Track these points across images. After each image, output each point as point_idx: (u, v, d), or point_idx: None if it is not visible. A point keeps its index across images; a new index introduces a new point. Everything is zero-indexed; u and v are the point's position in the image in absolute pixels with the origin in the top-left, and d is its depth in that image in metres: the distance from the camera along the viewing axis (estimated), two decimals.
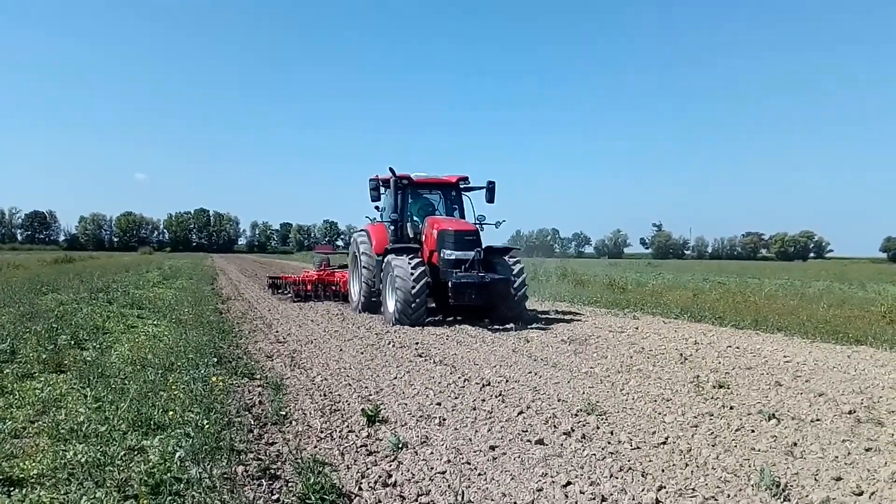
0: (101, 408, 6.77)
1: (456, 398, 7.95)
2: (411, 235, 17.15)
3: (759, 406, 7.57)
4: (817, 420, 7.06)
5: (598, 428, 6.67)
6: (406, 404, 7.68)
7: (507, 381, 8.89)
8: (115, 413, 6.48)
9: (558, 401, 7.78)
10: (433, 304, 17.19)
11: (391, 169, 16.75)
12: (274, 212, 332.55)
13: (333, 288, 21.82)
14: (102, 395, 7.24)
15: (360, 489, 4.99)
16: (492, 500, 4.84)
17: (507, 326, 14.85)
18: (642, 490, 4.96)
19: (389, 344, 12.06)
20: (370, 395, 8.13)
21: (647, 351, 11.63)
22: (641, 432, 6.54)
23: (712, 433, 6.51)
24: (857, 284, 36.25)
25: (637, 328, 15.14)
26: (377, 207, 18.36)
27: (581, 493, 4.93)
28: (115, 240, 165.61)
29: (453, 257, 15.10)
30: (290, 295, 21.87)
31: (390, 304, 15.37)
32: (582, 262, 74.44)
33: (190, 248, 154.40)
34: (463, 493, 4.80)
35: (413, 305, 14.62)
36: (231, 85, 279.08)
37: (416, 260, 15.16)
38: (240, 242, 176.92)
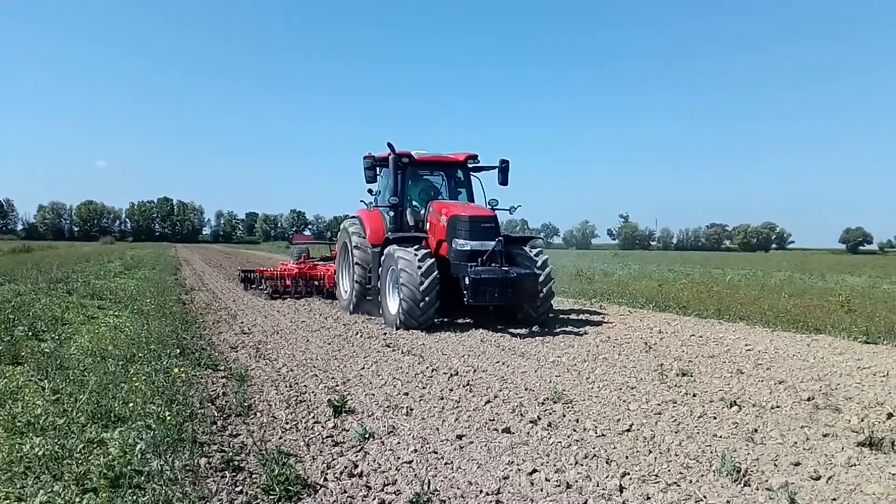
0: (60, 400, 6.63)
1: (424, 388, 7.94)
2: (411, 223, 14.79)
3: (721, 393, 7.68)
4: (777, 407, 7.18)
5: (564, 416, 6.71)
6: (373, 394, 7.65)
7: (475, 370, 8.91)
8: (73, 405, 6.35)
9: (525, 390, 7.81)
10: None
11: (390, 145, 14.32)
12: (240, 201, 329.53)
13: (316, 283, 19.40)
14: (61, 387, 7.09)
15: (326, 480, 4.96)
16: (458, 488, 4.84)
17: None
18: (606, 476, 5.00)
19: (357, 334, 12.00)
20: (337, 385, 8.08)
21: (613, 340, 11.73)
22: (606, 420, 6.59)
23: (675, 420, 6.59)
24: (817, 275, 36.99)
25: (603, 318, 15.26)
26: (370, 191, 15.64)
27: (546, 480, 4.95)
28: (76, 229, 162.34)
29: (468, 248, 12.84)
30: (266, 291, 19.20)
31: (392, 303, 13.25)
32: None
33: (153, 237, 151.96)
34: (429, 482, 4.80)
35: (422, 305, 12.36)
36: (195, 70, 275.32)
37: (424, 251, 12.92)
38: (204, 232, 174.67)
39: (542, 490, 4.81)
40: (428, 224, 14.23)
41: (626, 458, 5.49)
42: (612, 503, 4.56)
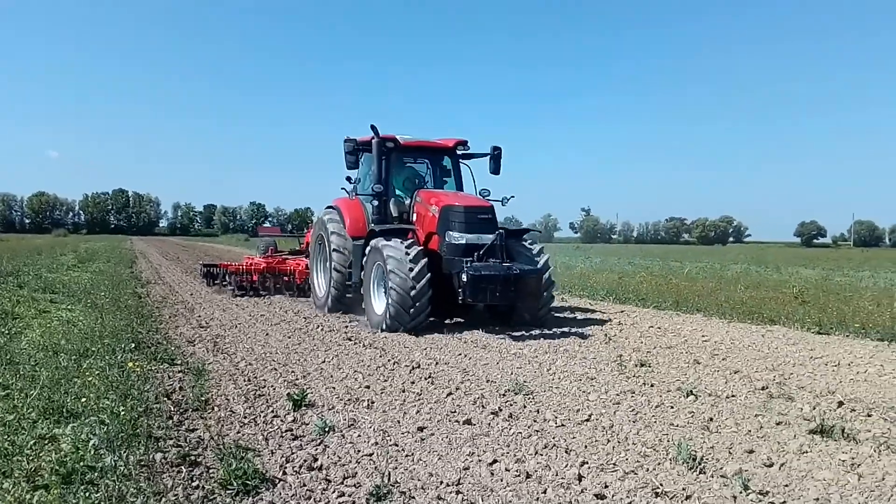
0: (10, 395, 6.44)
1: (385, 381, 7.92)
2: (395, 214, 13.58)
3: (678, 383, 7.80)
4: (732, 396, 7.31)
5: (524, 407, 6.75)
6: (334, 388, 7.60)
7: (436, 363, 8.91)
8: (24, 401, 6.18)
9: (487, 381, 7.83)
10: None
11: (373, 128, 12.97)
12: (197, 193, 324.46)
13: (286, 279, 17.95)
14: (10, 382, 6.89)
15: (285, 473, 4.91)
16: (419, 479, 4.83)
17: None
18: (566, 466, 5.04)
19: (318, 328, 11.92)
20: (297, 379, 8.01)
21: (574, 332, 11.83)
22: (566, 410, 6.65)
23: (633, 410, 6.67)
24: (772, 267, 37.79)
25: (564, 310, 15.38)
26: (349, 179, 14.15)
27: (506, 470, 4.97)
28: (27, 221, 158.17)
29: (463, 242, 11.71)
30: (230, 287, 17.73)
31: (378, 303, 12.07)
32: None
33: (108, 230, 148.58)
34: (390, 474, 4.78)
35: (413, 306, 11.21)
36: (150, 61, 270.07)
37: (415, 247, 11.74)
38: (161, 225, 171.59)
39: (502, 480, 4.83)
40: (415, 215, 13.09)
41: (585, 447, 5.54)
42: (571, 492, 4.60)
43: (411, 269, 11.22)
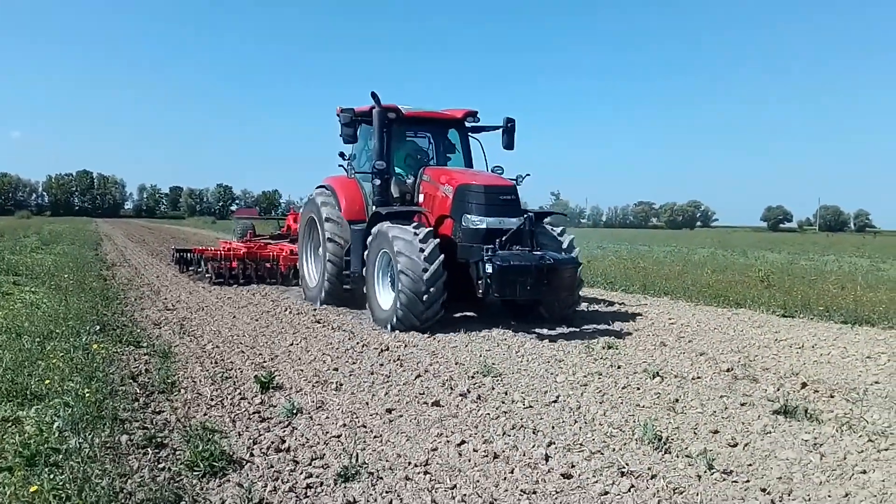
0: None
1: (354, 363, 7.91)
2: (395, 195, 11.91)
3: (645, 365, 7.89)
4: (698, 378, 7.42)
5: (493, 389, 6.78)
6: (302, 370, 7.58)
7: (405, 345, 8.91)
8: None
9: (455, 364, 7.85)
10: None
11: (374, 95, 11.36)
12: (163, 175, 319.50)
13: (268, 265, 16.30)
14: None
15: (252, 455, 4.89)
16: (387, 460, 4.84)
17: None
18: (533, 446, 5.08)
19: (286, 311, 11.84)
20: (264, 361, 7.97)
21: (543, 314, 11.86)
22: (534, 392, 6.70)
23: (600, 391, 6.74)
24: (739, 251, 38.35)
25: None
26: (342, 155, 12.77)
27: (474, 451, 5.00)
28: None
29: (483, 227, 10.23)
30: (208, 275, 16.05)
31: (384, 296, 10.66)
32: None
33: (72, 212, 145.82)
34: (357, 455, 4.78)
35: (426, 298, 9.69)
36: (112, 39, 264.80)
37: (426, 230, 10.23)
38: (126, 207, 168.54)
39: (469, 460, 4.86)
40: (421, 196, 11.62)
41: (553, 428, 5.59)
42: (538, 471, 4.64)
43: (423, 256, 9.74)
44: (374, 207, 11.63)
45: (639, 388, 6.88)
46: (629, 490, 4.34)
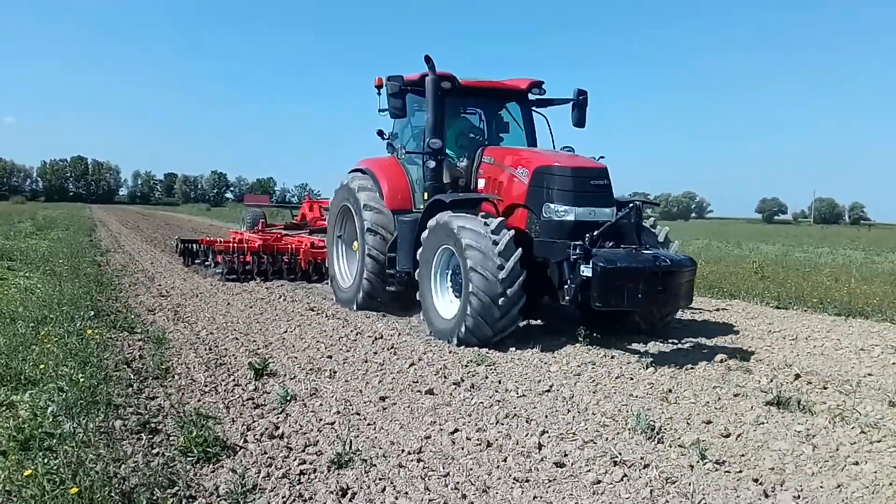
0: None
1: (348, 351, 7.91)
2: (446, 180, 10.03)
3: (638, 355, 7.90)
4: (691, 368, 7.44)
5: (486, 378, 6.79)
6: (296, 357, 7.58)
7: (399, 333, 8.91)
8: None
9: (449, 353, 7.86)
10: None
11: (428, 59, 9.52)
12: (158, 161, 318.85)
13: (286, 259, 14.37)
14: None
15: (246, 441, 4.89)
16: (380, 448, 4.85)
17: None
18: (526, 435, 5.10)
19: (280, 298, 11.82)
20: (258, 348, 7.97)
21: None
22: (527, 381, 6.71)
23: (594, 381, 6.76)
24: (733, 243, 38.41)
25: None
26: (381, 134, 11.18)
27: (467, 439, 5.02)
28: None
29: (570, 219, 8.43)
30: (219, 270, 14.23)
31: (445, 302, 8.91)
32: None
33: (67, 198, 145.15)
34: (351, 442, 4.79)
35: (502, 303, 7.92)
36: (108, 24, 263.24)
37: (497, 220, 8.41)
38: (121, 193, 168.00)
39: (463, 448, 4.87)
40: (482, 181, 9.80)
41: (546, 417, 5.60)
42: (531, 460, 4.65)
43: (497, 253, 7.98)
44: (424, 195, 9.95)
45: (632, 378, 6.89)
46: (622, 479, 4.36)
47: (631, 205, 8.30)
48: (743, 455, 4.90)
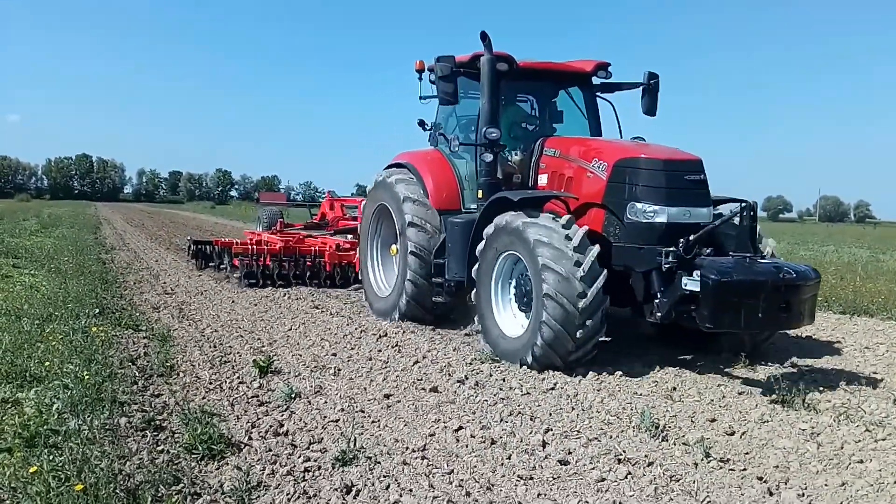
0: None
1: (352, 349, 7.92)
2: (498, 176, 8.76)
3: (641, 353, 7.89)
4: (696, 366, 7.42)
5: (490, 375, 6.79)
6: (300, 355, 7.59)
7: (403, 332, 8.90)
8: None
9: (453, 351, 7.84)
10: None
11: (484, 37, 8.34)
12: (163, 159, 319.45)
13: (310, 263, 13.19)
14: None
15: (251, 438, 4.91)
16: (384, 445, 4.86)
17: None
18: (530, 432, 5.10)
19: (284, 296, 11.83)
20: (263, 346, 7.99)
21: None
22: (532, 379, 6.70)
23: (598, 379, 6.75)
24: None
25: None
26: (423, 124, 10.18)
27: (472, 436, 5.02)
28: None
29: (662, 220, 7.14)
30: (237, 275, 13.02)
31: (505, 318, 7.72)
32: None
33: (72, 195, 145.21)
34: (355, 439, 4.79)
35: (580, 336, 6.79)
36: (112, 20, 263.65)
37: (579, 230, 7.08)
38: (126, 191, 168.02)
39: (467, 446, 4.88)
40: (543, 177, 8.58)
41: (550, 414, 5.60)
42: (536, 457, 4.65)
43: (580, 276, 6.75)
44: (478, 192, 8.80)
45: (636, 377, 6.89)
46: (626, 477, 4.36)
47: (743, 204, 7.03)
48: (747, 453, 4.89)
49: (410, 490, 4.10)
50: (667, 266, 6.66)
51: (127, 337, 7.96)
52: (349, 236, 14.73)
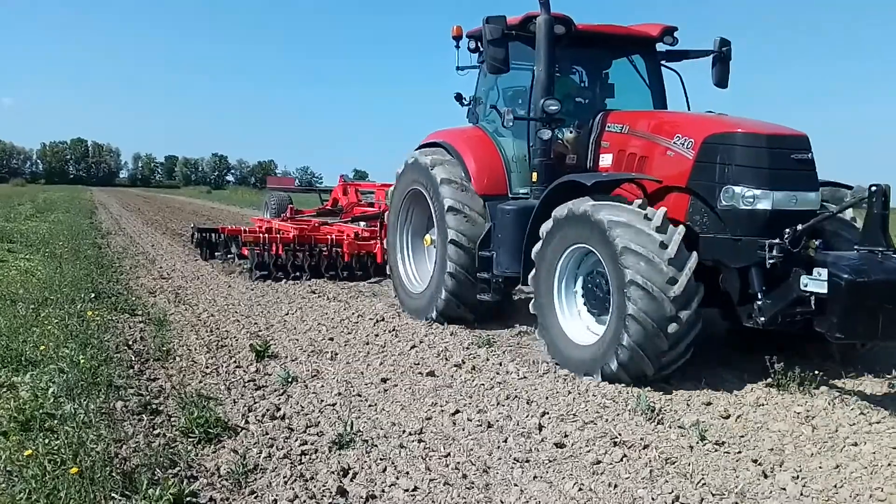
0: None
1: (349, 333, 7.92)
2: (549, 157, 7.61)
3: None
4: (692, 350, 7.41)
5: (487, 360, 6.78)
6: (297, 339, 7.60)
7: (400, 316, 8.91)
8: None
9: (451, 335, 7.84)
10: None
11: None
12: (158, 144, 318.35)
13: (326, 252, 12.17)
14: None
15: (247, 422, 4.91)
16: (381, 428, 4.87)
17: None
18: (527, 416, 5.11)
19: (281, 280, 11.81)
20: (260, 331, 7.99)
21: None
22: (528, 363, 6.70)
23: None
24: None
25: None
26: (460, 98, 9.30)
27: (468, 420, 5.03)
28: None
29: (766, 207, 6.06)
30: (248, 266, 12.10)
31: (574, 323, 6.72)
32: None
33: (67, 180, 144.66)
34: (352, 423, 4.80)
35: (672, 331, 5.75)
36: (106, 7, 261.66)
37: (658, 212, 6.06)
38: (121, 175, 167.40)
39: (464, 429, 4.89)
40: (606, 158, 7.46)
41: (546, 398, 5.61)
42: (532, 440, 4.67)
43: (667, 261, 5.74)
44: (532, 175, 7.72)
45: None
46: (621, 460, 4.37)
47: (873, 187, 5.58)
48: (742, 436, 4.91)
49: (407, 473, 4.11)
50: (771, 261, 5.73)
51: (123, 321, 7.95)
52: (362, 224, 13.73)
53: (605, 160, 7.49)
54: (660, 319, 5.71)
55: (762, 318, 5.80)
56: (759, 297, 5.82)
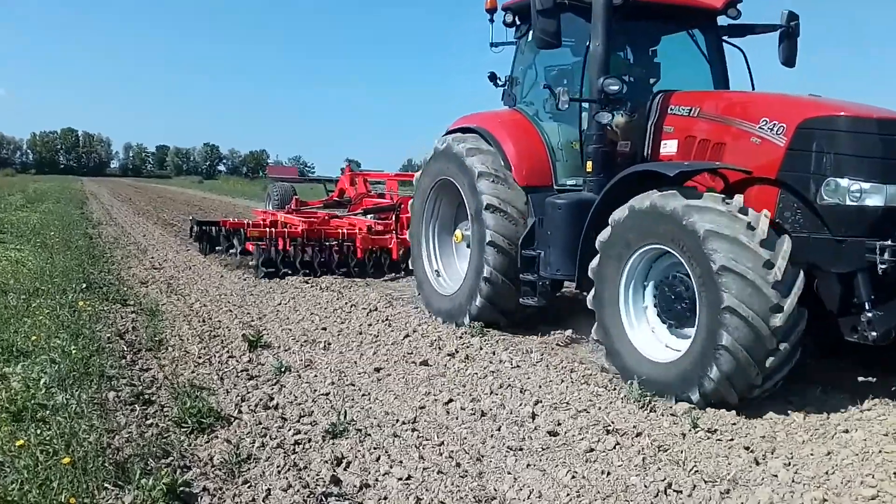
0: None
1: (342, 323, 7.92)
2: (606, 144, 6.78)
3: None
4: None
5: (481, 349, 6.78)
6: (290, 329, 7.59)
7: (393, 306, 8.89)
8: None
9: (444, 325, 7.85)
10: None
11: None
12: (150, 134, 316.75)
13: (336, 247, 11.49)
14: None
15: (240, 412, 4.91)
16: (375, 418, 4.88)
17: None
18: (520, 404, 5.12)
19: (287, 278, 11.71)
20: (252, 321, 7.98)
21: None
22: (522, 352, 6.70)
23: (588, 351, 6.77)
24: None
25: None
26: (494, 79, 8.45)
27: (462, 409, 5.04)
28: None
29: (878, 204, 5.18)
30: (252, 262, 11.28)
31: (645, 333, 5.85)
32: None
33: (57, 170, 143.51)
34: (346, 412, 4.80)
35: (770, 364, 4.94)
36: None
37: (760, 217, 5.12)
38: (112, 165, 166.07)
39: (457, 418, 4.90)
40: (670, 143, 6.58)
41: (540, 387, 5.61)
42: (525, 429, 4.68)
43: (771, 271, 4.91)
44: (587, 164, 6.82)
45: None
46: (614, 447, 4.39)
47: None
48: (734, 423, 4.92)
49: (401, 461, 4.12)
50: (883, 266, 4.96)
51: (115, 311, 7.92)
52: (370, 216, 12.82)
53: (669, 147, 6.57)
54: (758, 352, 4.94)
55: (874, 333, 5.02)
56: (868, 307, 5.05)
